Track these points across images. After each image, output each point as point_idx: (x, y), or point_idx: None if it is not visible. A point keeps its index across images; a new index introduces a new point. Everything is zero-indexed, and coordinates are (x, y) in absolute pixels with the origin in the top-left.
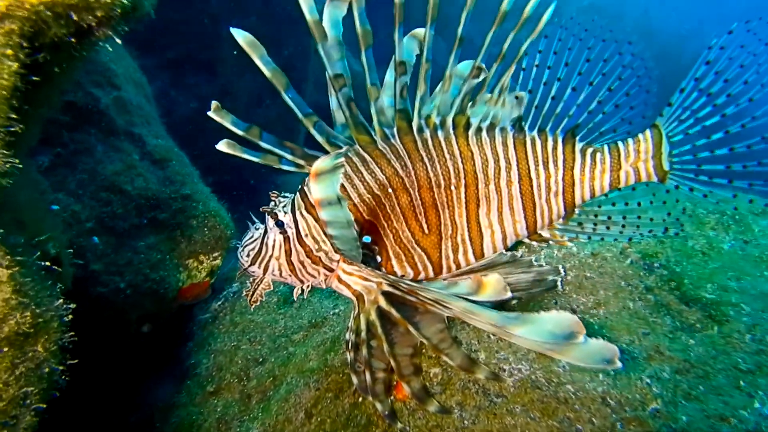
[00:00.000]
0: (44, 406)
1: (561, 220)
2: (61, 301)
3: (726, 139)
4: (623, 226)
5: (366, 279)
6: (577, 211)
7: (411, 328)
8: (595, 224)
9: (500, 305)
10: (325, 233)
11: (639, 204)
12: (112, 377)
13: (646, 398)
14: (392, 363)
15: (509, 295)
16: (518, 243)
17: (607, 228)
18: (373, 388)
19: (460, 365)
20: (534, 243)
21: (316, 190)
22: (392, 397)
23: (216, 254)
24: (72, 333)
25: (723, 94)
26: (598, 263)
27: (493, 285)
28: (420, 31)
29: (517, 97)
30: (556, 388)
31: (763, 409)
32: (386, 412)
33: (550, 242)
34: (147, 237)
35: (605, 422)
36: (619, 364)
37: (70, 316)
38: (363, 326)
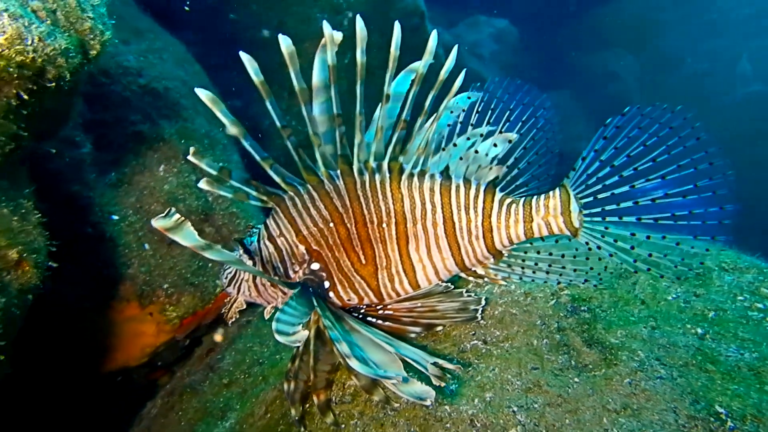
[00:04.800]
0: None
1: (492, 260)
2: None
3: (636, 209)
4: (547, 272)
5: None
6: (505, 253)
7: (334, 348)
8: (523, 268)
9: (427, 330)
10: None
11: (563, 256)
12: None
13: (507, 424)
14: (311, 376)
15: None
16: (463, 278)
17: (534, 272)
18: (293, 395)
19: (363, 386)
20: (471, 279)
21: (182, 242)
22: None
23: None
24: None
25: (629, 167)
26: (528, 302)
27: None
28: (416, 65)
29: (510, 141)
30: (438, 407)
31: None
32: (296, 418)
33: (485, 279)
34: None
35: None
36: (428, 402)
37: None
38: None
